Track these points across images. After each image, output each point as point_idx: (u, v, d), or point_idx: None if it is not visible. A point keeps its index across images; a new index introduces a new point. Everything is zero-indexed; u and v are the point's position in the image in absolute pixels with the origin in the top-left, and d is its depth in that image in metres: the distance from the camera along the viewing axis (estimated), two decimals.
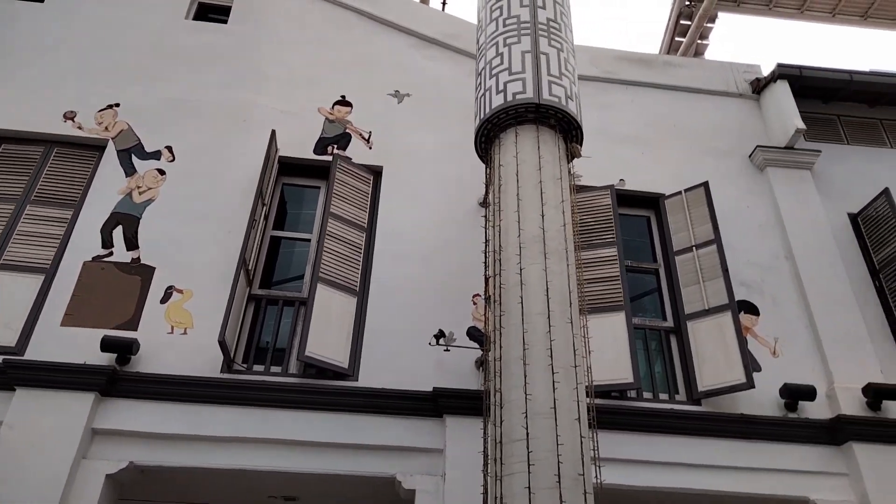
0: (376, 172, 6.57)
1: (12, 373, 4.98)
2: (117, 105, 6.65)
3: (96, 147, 6.43)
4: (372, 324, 5.67)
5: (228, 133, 6.63)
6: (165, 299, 5.59)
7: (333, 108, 6.93)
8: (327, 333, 5.36)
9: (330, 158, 6.43)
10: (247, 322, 5.75)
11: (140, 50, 7.11)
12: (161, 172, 6.30)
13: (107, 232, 5.88)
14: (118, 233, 5.89)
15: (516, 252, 4.32)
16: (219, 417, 5.06)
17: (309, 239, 6.32)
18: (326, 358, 5.28)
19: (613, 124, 7.27)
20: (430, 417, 5.25)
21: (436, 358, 5.54)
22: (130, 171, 6.27)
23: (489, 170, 5.10)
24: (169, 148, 6.44)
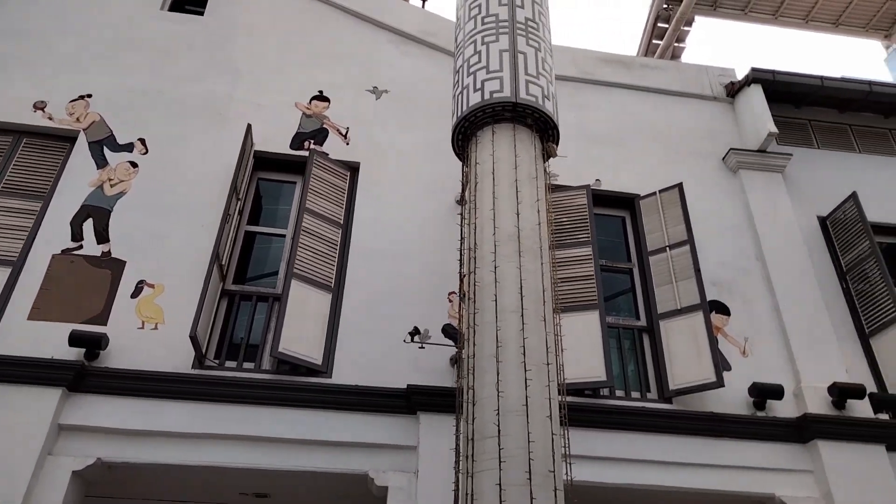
0: (353, 168, 6.54)
1: None
2: (89, 96, 6.53)
3: (67, 138, 6.31)
4: (347, 320, 5.64)
5: (203, 126, 6.55)
6: (136, 294, 5.51)
7: (311, 103, 6.89)
8: (301, 330, 5.33)
9: (306, 153, 6.39)
10: (219, 318, 5.69)
11: (114, 40, 6.99)
12: (133, 165, 6.20)
13: (77, 225, 5.78)
14: (88, 226, 5.79)
15: (491, 250, 4.34)
16: (189, 414, 5.00)
17: (284, 235, 6.27)
18: (300, 354, 5.25)
19: (590, 124, 7.33)
20: (404, 414, 5.25)
21: (411, 355, 5.54)
22: (102, 164, 6.16)
23: (466, 168, 5.11)
24: (142, 140, 6.35)
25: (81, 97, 6.51)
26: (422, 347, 5.58)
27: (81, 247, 5.69)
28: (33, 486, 4.57)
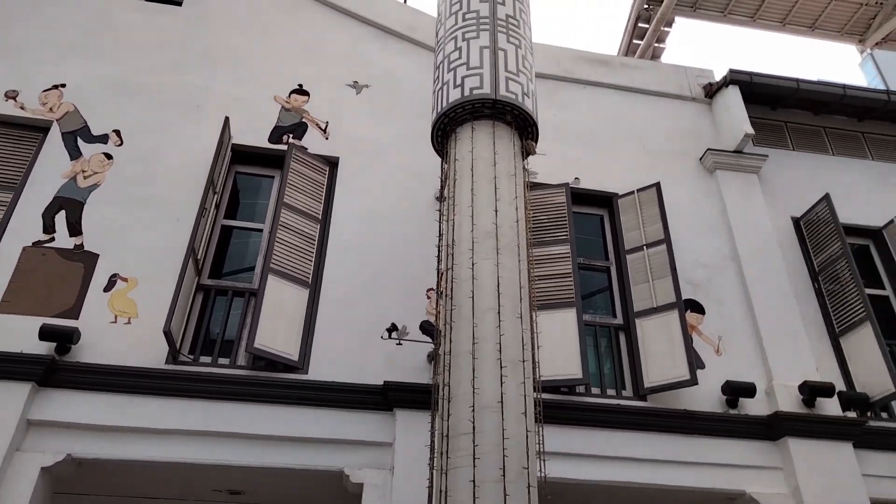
0: (332, 163, 6.50)
1: None
2: (63, 86, 6.41)
3: (39, 128, 6.18)
4: (324, 316, 5.61)
5: (180, 118, 6.46)
6: (109, 287, 5.42)
7: (290, 97, 6.83)
8: (278, 325, 5.29)
9: (285, 147, 6.33)
10: (195, 313, 5.63)
11: (89, 29, 6.86)
12: (108, 157, 6.10)
13: (49, 216, 5.67)
14: (61, 218, 5.69)
15: (469, 247, 4.33)
16: (162, 409, 4.94)
17: (261, 229, 6.22)
18: (276, 350, 5.21)
19: (570, 123, 7.36)
20: (381, 411, 5.24)
21: (388, 352, 5.52)
22: (75, 155, 6.05)
23: (445, 164, 5.10)
24: (117, 132, 6.25)
25: (55, 87, 6.38)
26: (399, 344, 5.57)
27: (53, 239, 5.58)
28: (0, 483, 4.48)
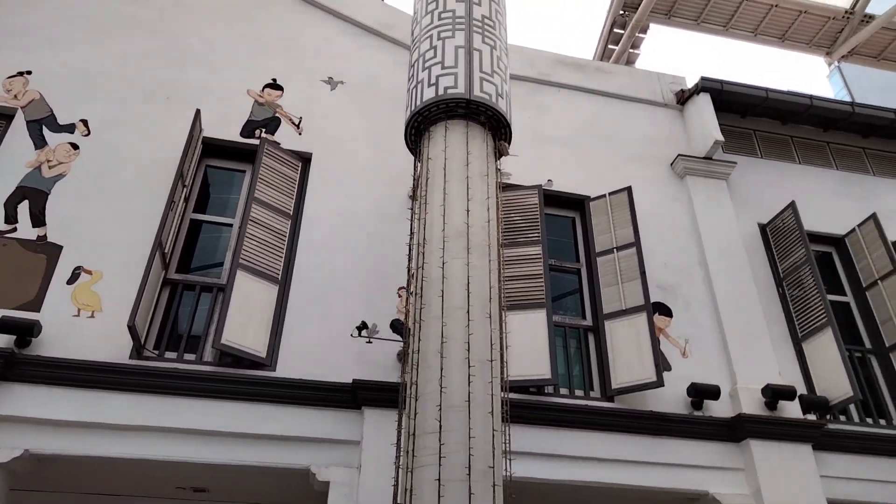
0: (305, 159, 6.44)
1: None
2: (29, 73, 6.25)
3: (3, 116, 6.04)
4: (293, 313, 5.56)
5: (149, 109, 6.35)
6: (73, 280, 5.31)
7: (263, 91, 6.76)
8: (246, 321, 5.23)
9: (257, 142, 6.26)
10: (161, 307, 5.53)
11: (57, 16, 6.70)
12: (74, 147, 5.97)
13: (11, 206, 5.54)
14: (24, 208, 5.56)
15: (440, 246, 4.33)
16: (125, 405, 4.85)
17: (231, 224, 6.14)
18: (243, 346, 5.15)
19: (544, 125, 7.40)
20: (349, 409, 5.21)
21: (357, 350, 5.49)
22: (41, 144, 5.91)
23: (418, 163, 5.09)
24: (84, 121, 6.12)
25: (20, 73, 6.23)
26: (369, 342, 5.54)
27: (16, 229, 5.45)
28: None
